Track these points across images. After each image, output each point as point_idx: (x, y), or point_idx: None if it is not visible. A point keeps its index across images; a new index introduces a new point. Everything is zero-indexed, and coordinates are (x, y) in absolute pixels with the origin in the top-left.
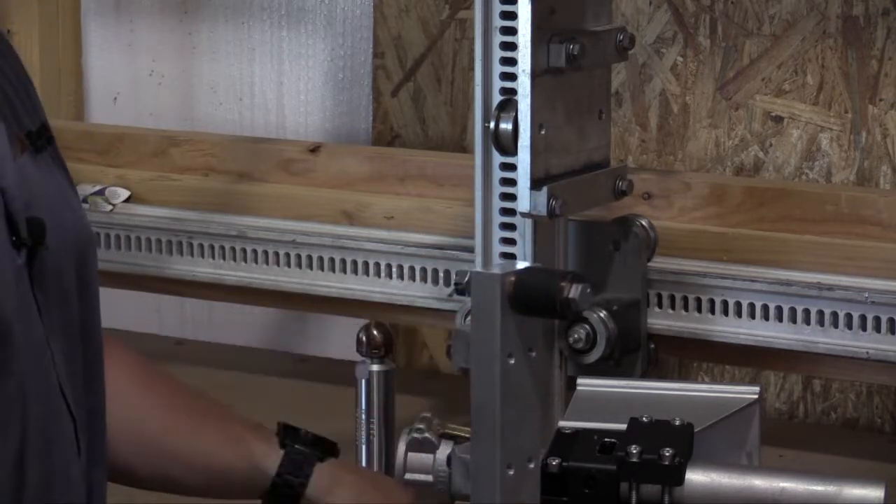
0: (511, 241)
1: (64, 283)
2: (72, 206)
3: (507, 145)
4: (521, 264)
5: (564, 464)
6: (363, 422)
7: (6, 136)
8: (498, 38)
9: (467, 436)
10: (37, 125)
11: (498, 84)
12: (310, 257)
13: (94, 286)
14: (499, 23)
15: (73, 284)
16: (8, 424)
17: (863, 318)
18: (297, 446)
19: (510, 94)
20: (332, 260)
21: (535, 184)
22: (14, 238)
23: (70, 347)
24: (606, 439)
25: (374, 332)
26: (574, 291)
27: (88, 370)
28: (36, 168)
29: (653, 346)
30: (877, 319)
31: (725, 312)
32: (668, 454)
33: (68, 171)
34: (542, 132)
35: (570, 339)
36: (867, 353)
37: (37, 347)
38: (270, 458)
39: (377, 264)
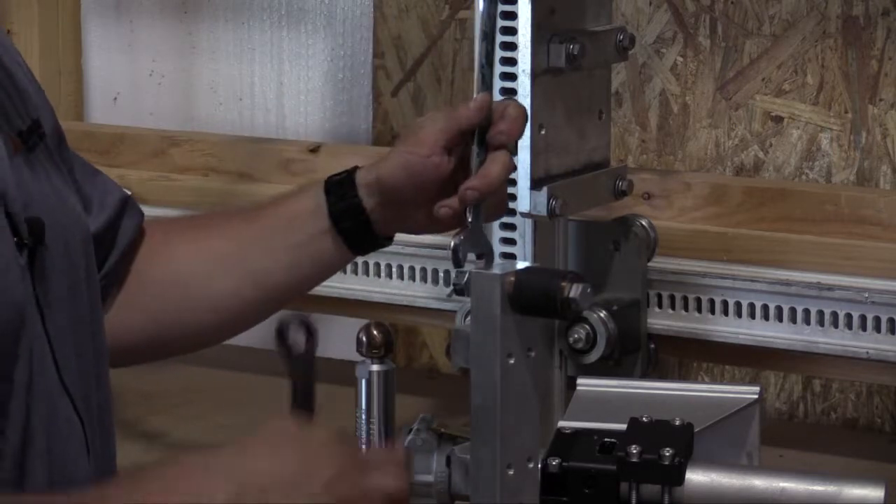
0: (511, 241)
1: (73, 279)
2: (67, 202)
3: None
4: (520, 264)
5: (564, 464)
6: (363, 422)
7: (0, 139)
8: (498, 38)
9: (467, 436)
10: (27, 123)
11: (498, 84)
12: None
13: (96, 280)
14: (499, 23)
15: (83, 279)
16: (9, 425)
17: (863, 318)
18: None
19: (510, 94)
20: None
21: (535, 184)
22: (16, 239)
23: (80, 344)
24: (606, 439)
25: (374, 332)
26: (575, 291)
27: (96, 366)
28: (29, 167)
29: (653, 346)
30: (877, 319)
31: (725, 312)
32: (668, 454)
33: (61, 165)
34: (542, 132)
35: (570, 339)
36: (867, 353)
37: (38, 348)
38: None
39: (377, 264)
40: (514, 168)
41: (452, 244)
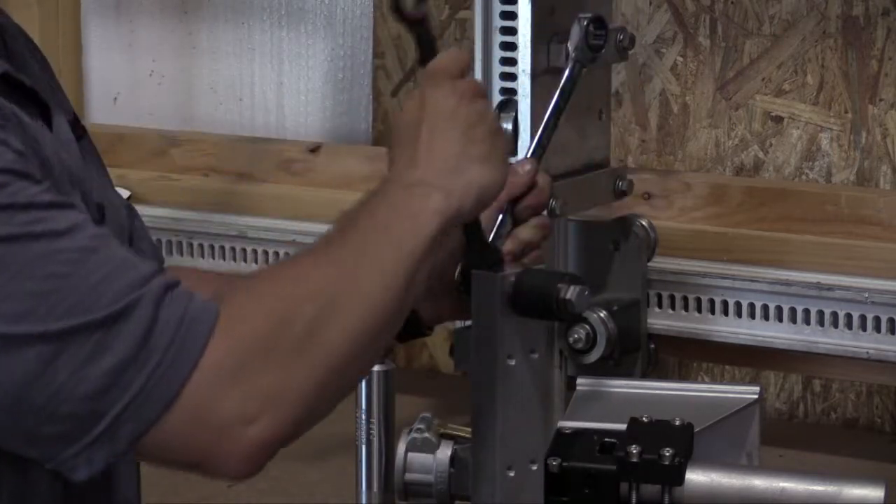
0: None
1: None
2: (114, 193)
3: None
4: None
5: (564, 464)
6: (363, 422)
7: (66, 123)
8: (498, 38)
9: (467, 436)
10: (71, 115)
11: (498, 84)
12: None
13: None
14: (499, 23)
15: None
16: None
17: (863, 318)
18: None
19: (510, 94)
20: None
21: None
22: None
23: None
24: (606, 439)
25: None
26: (571, 293)
27: None
28: (81, 154)
29: (653, 346)
30: (877, 319)
31: (725, 312)
32: (668, 454)
33: (102, 160)
34: None
35: (570, 339)
36: (867, 353)
37: None
38: None
39: None
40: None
41: None
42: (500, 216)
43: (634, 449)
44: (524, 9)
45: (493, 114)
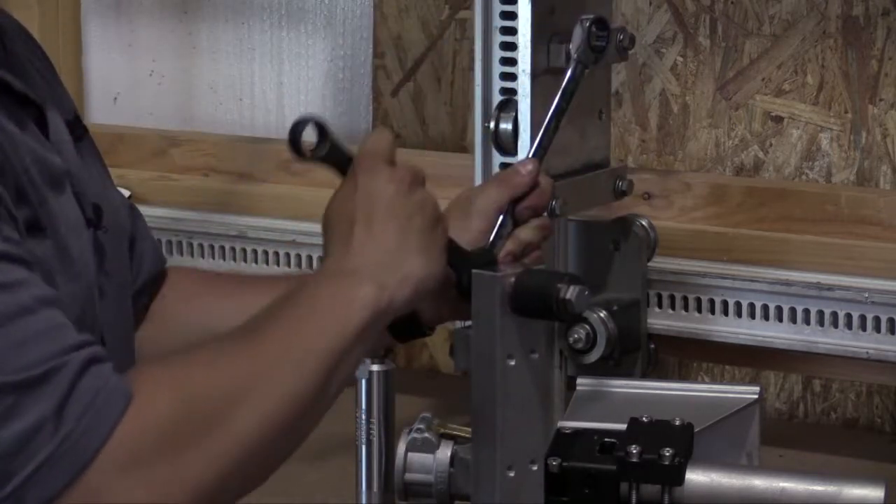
0: None
1: (123, 271)
2: (113, 194)
3: (507, 145)
4: None
5: (564, 464)
6: (363, 422)
7: (63, 124)
8: (498, 38)
9: (467, 436)
10: (72, 115)
11: (498, 84)
12: (310, 257)
13: (130, 281)
14: (499, 23)
15: (128, 273)
16: None
17: (863, 318)
18: None
19: (510, 94)
20: None
21: None
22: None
23: (123, 341)
24: (606, 439)
25: None
26: (571, 293)
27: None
28: (80, 155)
29: (653, 346)
30: (877, 319)
31: (725, 312)
32: (668, 454)
33: (103, 159)
34: None
35: (570, 340)
36: (867, 353)
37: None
38: None
39: None
40: (551, 232)
41: None
42: (501, 217)
43: (634, 449)
44: (524, 9)
45: (432, 202)
